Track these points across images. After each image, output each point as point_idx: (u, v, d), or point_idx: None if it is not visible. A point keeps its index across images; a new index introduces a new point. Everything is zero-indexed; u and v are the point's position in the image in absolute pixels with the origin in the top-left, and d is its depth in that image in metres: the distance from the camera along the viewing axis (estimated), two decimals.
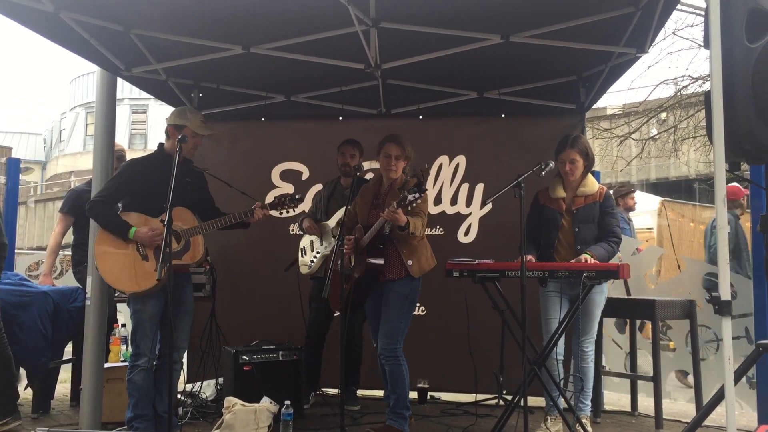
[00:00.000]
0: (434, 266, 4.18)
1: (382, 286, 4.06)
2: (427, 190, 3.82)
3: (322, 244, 4.98)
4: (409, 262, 4.00)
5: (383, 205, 4.08)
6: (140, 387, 3.81)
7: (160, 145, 4.09)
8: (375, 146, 4.26)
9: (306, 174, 5.59)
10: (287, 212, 4.18)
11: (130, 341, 4.11)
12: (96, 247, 3.92)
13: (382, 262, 4.00)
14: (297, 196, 4.09)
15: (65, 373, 5.55)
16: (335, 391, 5.32)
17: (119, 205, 4.05)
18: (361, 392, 5.21)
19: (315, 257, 4.99)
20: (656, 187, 19.46)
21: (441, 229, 5.43)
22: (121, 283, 3.87)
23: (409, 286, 4.04)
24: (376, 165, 4.55)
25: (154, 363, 3.94)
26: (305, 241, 5.12)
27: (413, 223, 3.89)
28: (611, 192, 4.31)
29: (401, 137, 4.15)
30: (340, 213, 4.91)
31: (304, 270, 5.04)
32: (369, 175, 5.10)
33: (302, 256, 5.11)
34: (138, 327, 3.85)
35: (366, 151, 4.99)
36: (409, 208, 3.81)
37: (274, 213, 4.13)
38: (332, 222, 4.96)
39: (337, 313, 4.89)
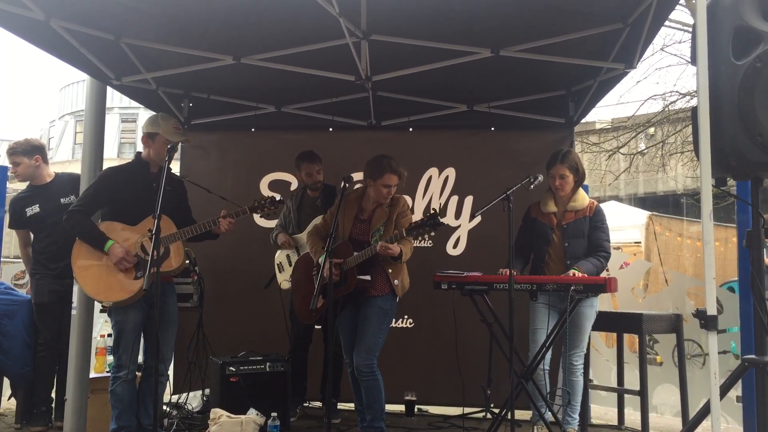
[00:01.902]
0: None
1: (363, 301, 4.07)
2: (443, 224, 3.90)
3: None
4: (396, 282, 4.05)
5: (369, 222, 4.13)
6: (122, 398, 3.78)
7: (138, 153, 4.09)
8: (366, 158, 4.23)
9: (294, 184, 5.56)
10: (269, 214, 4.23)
11: (112, 352, 4.07)
12: (73, 261, 3.83)
13: (369, 278, 4.02)
14: (278, 199, 4.05)
15: None
16: (317, 404, 5.30)
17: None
18: (339, 405, 5.14)
19: None
20: (644, 202, 19.61)
21: (429, 242, 5.42)
22: (101, 293, 3.81)
23: (391, 302, 4.08)
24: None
25: (137, 374, 3.90)
26: (281, 257, 5.05)
27: (405, 253, 3.96)
28: (602, 206, 4.32)
29: (398, 164, 4.10)
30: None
31: (285, 285, 4.95)
32: (357, 185, 5.08)
33: (280, 272, 5.05)
34: (120, 338, 3.81)
35: (357, 163, 4.96)
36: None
37: (256, 216, 4.25)
38: (306, 234, 4.90)
39: (318, 326, 4.88)
